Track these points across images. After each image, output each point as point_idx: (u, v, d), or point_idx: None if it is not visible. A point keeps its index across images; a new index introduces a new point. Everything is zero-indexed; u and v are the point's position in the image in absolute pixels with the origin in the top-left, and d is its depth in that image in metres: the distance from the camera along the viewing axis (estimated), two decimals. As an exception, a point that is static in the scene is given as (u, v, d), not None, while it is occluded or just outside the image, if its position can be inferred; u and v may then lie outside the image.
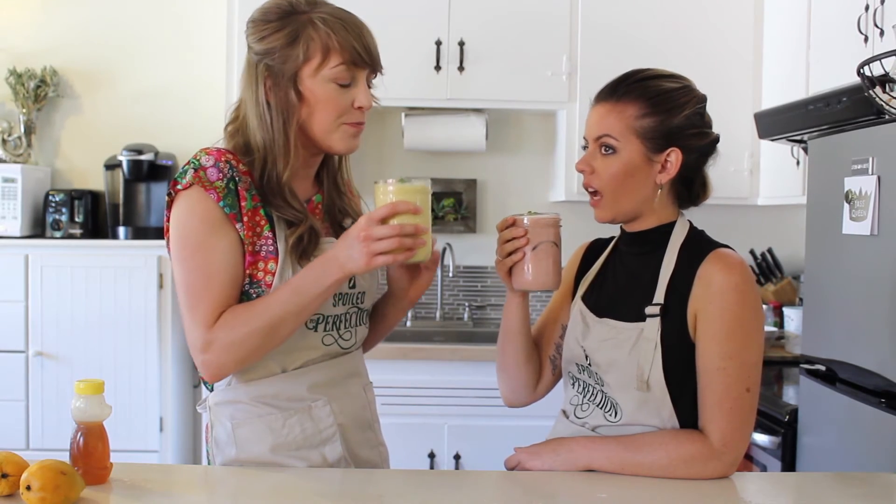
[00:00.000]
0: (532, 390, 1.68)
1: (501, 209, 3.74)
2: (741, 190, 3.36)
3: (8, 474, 1.26)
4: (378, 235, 1.35)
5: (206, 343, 1.42)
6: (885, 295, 1.92)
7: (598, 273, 1.62)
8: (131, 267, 3.27)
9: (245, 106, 1.51)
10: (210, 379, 1.47)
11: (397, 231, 1.35)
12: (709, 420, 1.44)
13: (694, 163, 1.52)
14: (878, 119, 1.98)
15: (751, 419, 1.45)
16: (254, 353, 1.43)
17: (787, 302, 3.43)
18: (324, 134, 1.48)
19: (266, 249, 1.46)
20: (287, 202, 1.47)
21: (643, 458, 1.44)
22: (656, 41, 3.33)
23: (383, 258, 1.36)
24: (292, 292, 1.41)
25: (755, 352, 1.45)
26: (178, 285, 1.46)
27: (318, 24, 1.44)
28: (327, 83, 1.45)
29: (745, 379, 1.42)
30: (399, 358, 3.14)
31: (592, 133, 1.52)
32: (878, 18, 2.29)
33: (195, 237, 1.44)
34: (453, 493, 1.41)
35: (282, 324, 1.41)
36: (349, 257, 1.37)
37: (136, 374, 3.27)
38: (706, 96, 1.54)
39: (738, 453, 1.44)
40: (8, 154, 3.54)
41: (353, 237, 1.37)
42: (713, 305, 1.43)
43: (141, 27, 3.68)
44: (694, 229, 1.54)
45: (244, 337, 1.41)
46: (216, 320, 1.42)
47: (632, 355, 1.47)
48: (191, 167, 1.45)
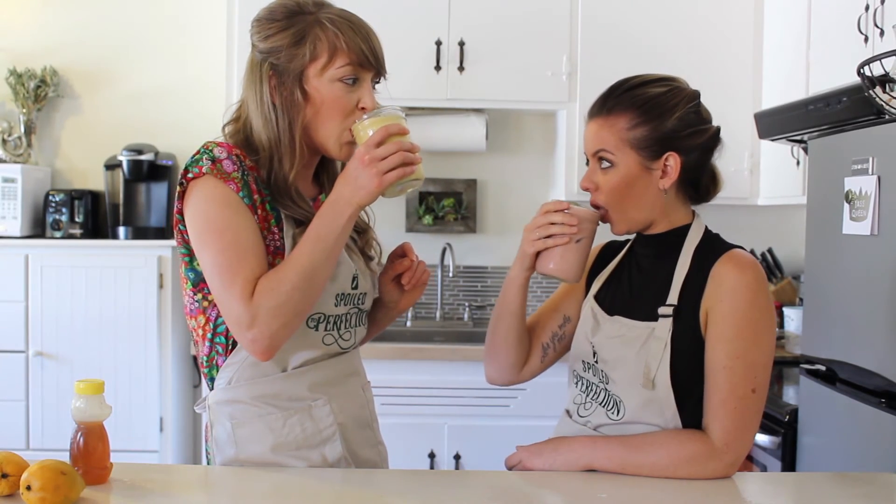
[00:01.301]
0: (517, 372, 1.67)
1: (501, 209, 3.74)
2: (741, 190, 3.36)
3: (8, 474, 1.26)
4: (381, 155, 1.37)
5: (251, 316, 1.38)
6: (885, 295, 1.92)
7: (612, 273, 1.62)
8: (131, 267, 3.27)
9: (247, 106, 1.50)
10: (262, 354, 1.42)
11: (398, 146, 1.38)
12: (712, 419, 1.43)
13: (697, 161, 1.52)
14: (878, 119, 1.98)
15: (755, 421, 1.45)
16: (299, 314, 1.42)
17: (787, 302, 3.43)
18: (326, 136, 1.48)
19: (274, 245, 1.47)
20: (295, 202, 1.47)
21: (644, 458, 1.44)
22: (656, 41, 3.33)
23: (393, 174, 1.37)
24: (314, 240, 1.41)
25: (764, 353, 1.44)
26: (208, 269, 1.43)
27: (325, 24, 1.45)
28: (333, 83, 1.45)
29: (752, 379, 1.42)
30: (399, 358, 3.14)
31: (589, 149, 1.53)
32: (878, 18, 2.29)
33: (220, 220, 1.42)
34: (453, 493, 1.41)
35: (315, 274, 1.40)
36: (357, 187, 1.39)
37: (136, 374, 3.27)
38: (698, 92, 1.54)
39: (740, 454, 1.44)
40: (8, 154, 3.54)
41: (356, 168, 1.39)
42: (723, 303, 1.43)
43: (141, 27, 3.68)
44: (709, 232, 1.55)
45: (286, 297, 1.38)
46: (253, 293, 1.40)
47: (640, 353, 1.47)
48: (205, 157, 1.43)
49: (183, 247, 1.50)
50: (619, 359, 1.50)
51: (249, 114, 1.50)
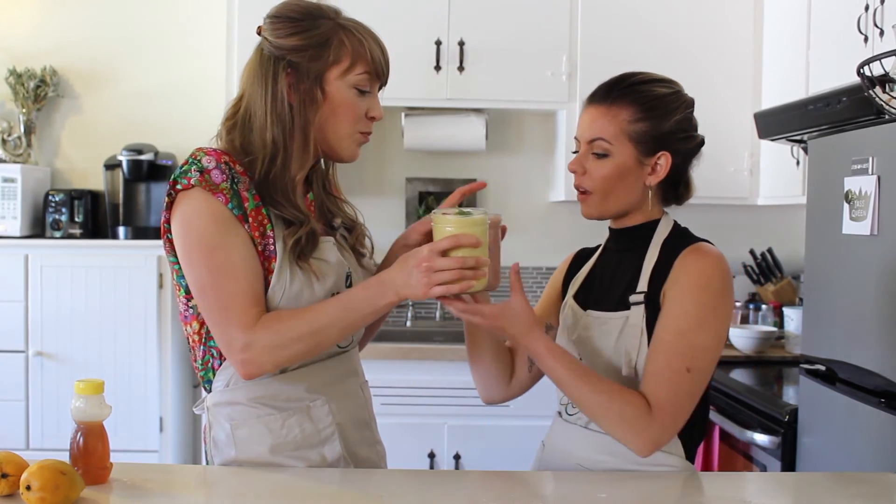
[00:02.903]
0: (506, 386, 1.68)
1: (501, 209, 3.73)
2: (741, 190, 3.36)
3: (8, 474, 1.26)
4: (440, 267, 1.36)
5: (245, 344, 1.40)
6: (885, 295, 1.92)
7: (588, 273, 1.65)
8: (131, 267, 3.27)
9: (251, 102, 1.49)
10: (246, 377, 1.44)
11: (459, 264, 1.36)
12: (645, 385, 1.45)
13: (682, 164, 1.57)
14: (878, 119, 1.98)
15: (688, 400, 1.45)
16: (293, 359, 1.44)
17: (787, 302, 3.43)
18: (337, 139, 1.50)
19: (269, 249, 1.46)
20: (291, 202, 1.47)
21: (583, 390, 1.43)
22: (656, 41, 3.33)
23: (441, 289, 1.37)
24: (342, 308, 1.42)
25: (707, 336, 1.46)
26: (196, 287, 1.44)
27: (350, 31, 1.48)
28: (349, 88, 1.48)
29: (688, 359, 1.43)
30: (399, 358, 3.14)
31: (585, 135, 1.55)
32: (878, 18, 2.30)
33: (209, 238, 1.42)
34: (453, 493, 1.41)
35: (326, 336, 1.42)
36: (407, 284, 1.38)
37: (136, 374, 3.27)
38: (694, 100, 1.58)
39: (667, 425, 1.43)
40: (8, 154, 3.54)
41: (414, 265, 1.38)
42: (678, 285, 1.47)
43: (141, 27, 3.68)
44: (677, 226, 1.58)
45: (287, 342, 1.41)
46: (254, 320, 1.41)
47: (619, 343, 1.50)
48: (193, 168, 1.42)
49: (172, 255, 1.49)
50: (598, 350, 1.53)
51: (254, 110, 1.48)
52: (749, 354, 3.12)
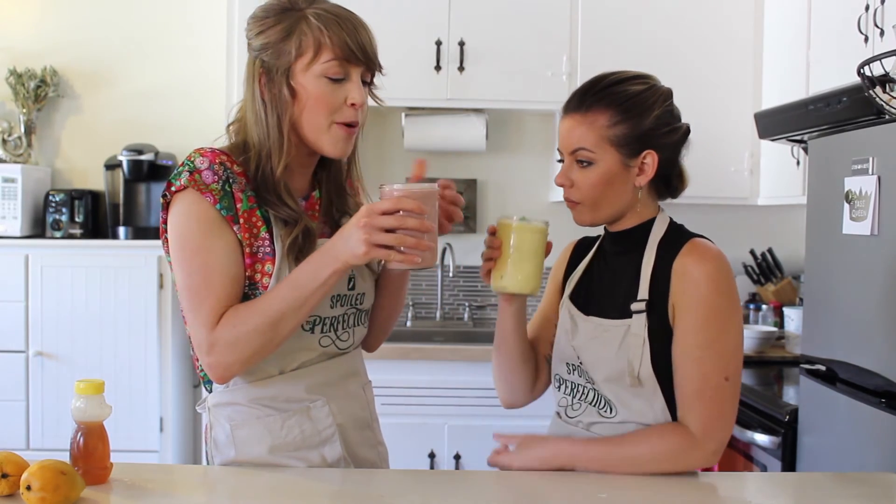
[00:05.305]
0: (530, 391, 1.68)
1: (501, 209, 3.74)
2: (741, 190, 3.36)
3: (8, 474, 1.26)
4: (379, 224, 1.32)
5: (210, 344, 1.41)
6: (885, 295, 1.91)
7: (584, 272, 1.63)
8: (131, 267, 3.27)
9: (244, 103, 1.51)
10: (218, 381, 1.46)
11: (400, 222, 1.32)
12: (688, 410, 1.44)
13: (670, 158, 1.53)
14: (878, 119, 1.98)
15: (732, 408, 1.45)
16: (257, 352, 1.42)
17: (787, 302, 3.43)
18: (315, 134, 1.46)
19: (263, 251, 1.46)
20: (282, 200, 1.46)
21: (626, 453, 1.45)
22: (656, 41, 3.32)
23: (382, 251, 1.33)
24: (291, 287, 1.40)
25: (732, 339, 1.45)
26: (179, 288, 1.45)
27: (311, 20, 1.43)
28: (318, 78, 1.43)
29: (724, 368, 1.43)
30: (399, 358, 3.14)
31: (566, 146, 1.52)
32: (878, 18, 2.29)
33: (193, 239, 1.43)
34: (453, 493, 1.41)
35: (282, 320, 1.40)
36: (346, 246, 1.36)
37: (136, 374, 3.27)
38: (671, 90, 1.54)
39: (720, 442, 1.43)
40: (8, 154, 3.54)
41: (354, 224, 1.35)
42: (688, 296, 1.44)
43: (141, 27, 3.68)
44: (673, 223, 1.55)
45: (246, 335, 1.40)
46: (219, 321, 1.41)
47: (620, 352, 1.48)
48: (185, 169, 1.43)
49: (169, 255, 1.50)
50: (599, 359, 1.51)
51: (246, 111, 1.50)
52: (749, 354, 3.11)
